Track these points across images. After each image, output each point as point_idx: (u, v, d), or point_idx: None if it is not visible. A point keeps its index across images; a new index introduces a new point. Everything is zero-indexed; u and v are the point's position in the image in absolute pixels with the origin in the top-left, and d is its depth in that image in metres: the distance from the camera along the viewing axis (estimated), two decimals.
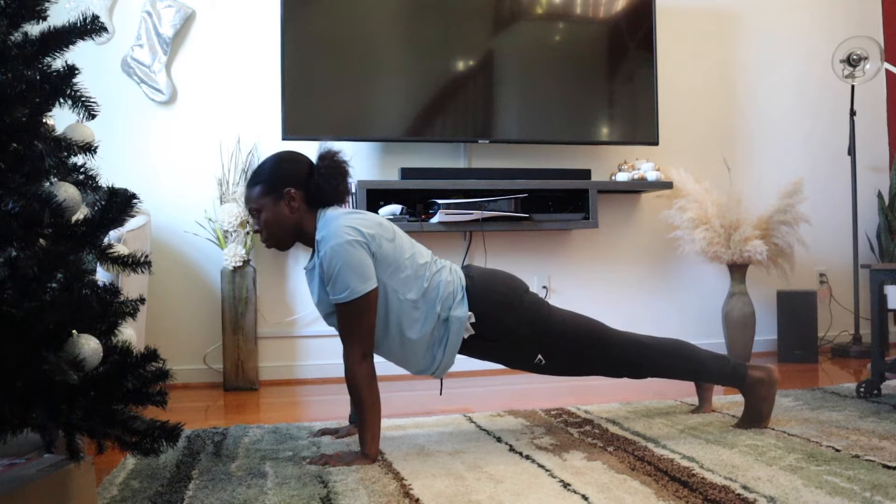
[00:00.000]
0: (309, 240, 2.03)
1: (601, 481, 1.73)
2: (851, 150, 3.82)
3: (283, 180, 1.99)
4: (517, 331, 2.05)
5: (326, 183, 1.99)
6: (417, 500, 1.63)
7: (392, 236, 1.99)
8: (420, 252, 2.05)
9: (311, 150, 3.40)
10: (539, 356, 2.07)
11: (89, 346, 1.30)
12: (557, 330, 2.08)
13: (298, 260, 3.47)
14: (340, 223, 1.93)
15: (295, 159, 2.05)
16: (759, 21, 4.08)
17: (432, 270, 2.03)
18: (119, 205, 1.39)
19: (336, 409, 2.79)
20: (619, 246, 3.83)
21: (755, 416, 2.20)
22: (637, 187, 3.63)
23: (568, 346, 2.09)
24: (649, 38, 3.65)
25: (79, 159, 1.42)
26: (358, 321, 1.92)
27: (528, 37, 3.58)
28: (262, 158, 3.33)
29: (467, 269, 2.12)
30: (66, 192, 1.32)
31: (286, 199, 1.98)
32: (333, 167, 2.01)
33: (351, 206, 3.27)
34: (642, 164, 3.65)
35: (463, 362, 2.09)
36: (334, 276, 1.89)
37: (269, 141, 3.38)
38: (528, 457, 1.95)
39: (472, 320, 2.02)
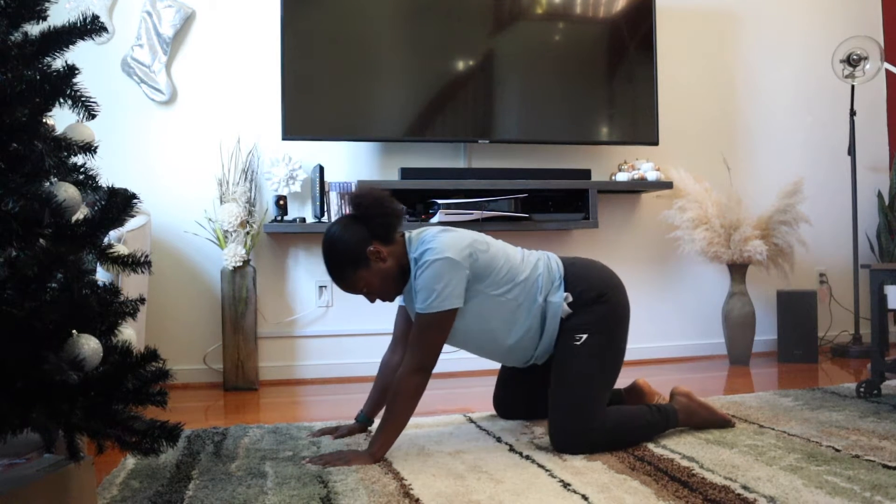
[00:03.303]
0: (408, 269, 2.03)
1: (601, 481, 1.73)
2: (851, 150, 3.82)
3: (355, 248, 1.98)
4: (596, 308, 2.06)
5: (383, 217, 2.00)
6: (417, 500, 1.63)
7: (486, 248, 2.04)
8: (513, 255, 2.10)
9: (311, 150, 3.42)
10: (584, 336, 2.03)
11: (89, 346, 1.30)
12: (614, 339, 2.08)
13: (299, 260, 3.47)
14: (441, 240, 1.96)
15: (342, 226, 2.02)
16: (759, 21, 4.08)
17: (528, 266, 2.08)
18: (119, 205, 1.39)
19: (336, 409, 2.79)
20: (619, 246, 3.83)
21: (715, 425, 2.22)
22: (637, 187, 3.63)
23: (602, 352, 2.06)
24: (649, 37, 3.65)
25: (79, 159, 1.42)
26: (427, 334, 1.95)
27: (528, 37, 3.58)
28: (261, 161, 3.36)
29: (573, 259, 2.18)
30: (66, 192, 1.32)
31: (373, 259, 1.99)
32: (374, 201, 2.02)
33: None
34: (642, 164, 3.65)
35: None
36: (421, 286, 1.94)
37: (269, 141, 3.38)
38: (528, 457, 1.95)
39: (570, 300, 2.06)
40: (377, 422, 2.14)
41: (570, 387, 2.01)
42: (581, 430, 1.97)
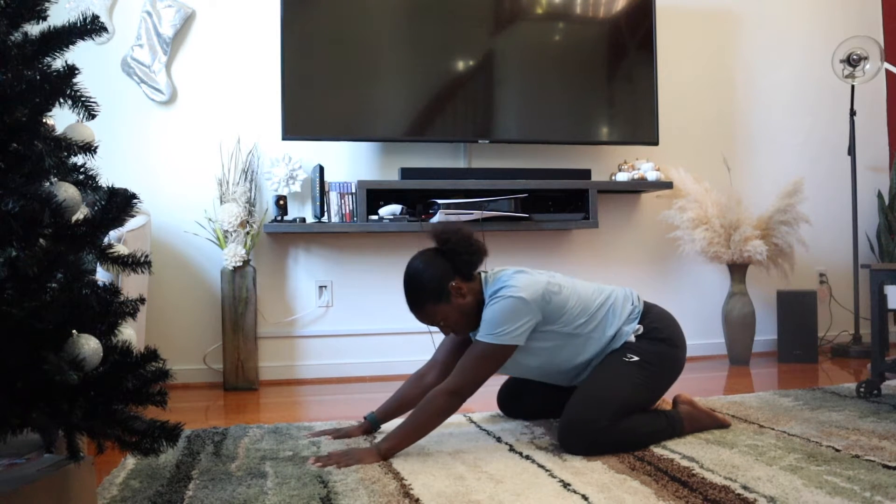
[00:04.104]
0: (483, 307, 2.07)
1: (601, 481, 1.73)
2: (851, 150, 3.82)
3: (437, 282, 2.02)
4: (659, 345, 2.11)
5: (469, 254, 2.05)
6: (417, 500, 1.63)
7: (558, 289, 2.07)
8: (583, 292, 2.12)
9: (311, 150, 3.42)
10: (636, 358, 2.06)
11: (89, 346, 1.30)
12: (660, 377, 2.11)
13: (298, 260, 3.47)
14: (518, 280, 2.02)
15: (426, 260, 2.06)
16: (759, 21, 4.08)
17: (600, 301, 2.12)
18: (119, 205, 1.38)
19: (336, 409, 2.79)
20: (619, 246, 3.83)
21: (715, 426, 2.23)
22: (637, 187, 3.63)
23: (643, 376, 2.07)
24: (649, 38, 3.65)
25: (79, 159, 1.41)
26: (479, 362, 1.98)
27: (528, 37, 3.58)
28: (261, 161, 3.36)
29: (654, 304, 2.23)
30: (66, 192, 1.32)
31: (454, 294, 2.03)
32: (462, 238, 2.06)
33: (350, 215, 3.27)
34: (642, 164, 3.65)
35: None
36: (490, 317, 1.98)
37: (269, 141, 3.38)
38: (528, 457, 1.95)
39: (640, 332, 2.11)
40: (383, 429, 2.18)
41: (597, 385, 2.03)
42: (590, 426, 1.95)
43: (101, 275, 1.98)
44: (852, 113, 3.80)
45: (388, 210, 3.25)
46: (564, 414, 2.01)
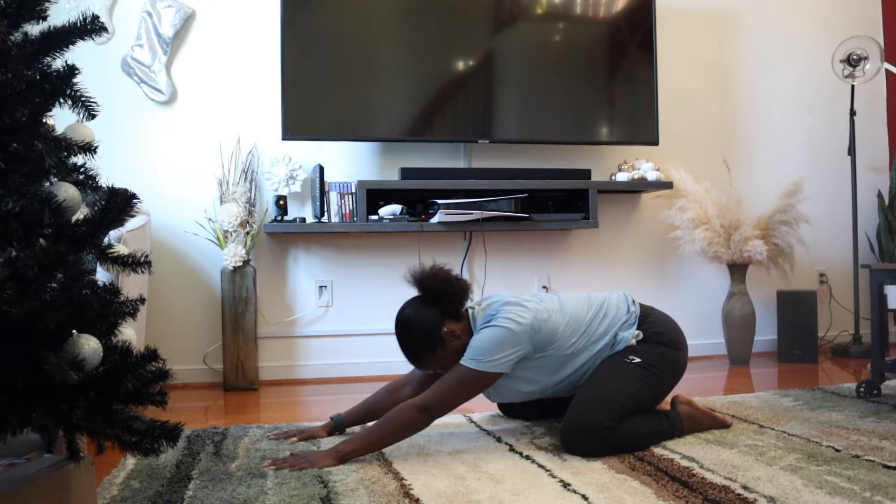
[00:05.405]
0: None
1: (601, 481, 1.73)
2: (851, 150, 3.82)
3: (430, 332, 2.02)
4: (661, 348, 2.11)
5: (453, 296, 2.05)
6: (417, 500, 1.63)
7: (547, 316, 2.06)
8: (572, 310, 2.11)
9: (311, 150, 3.42)
10: (638, 360, 2.07)
11: (89, 346, 1.30)
12: (661, 379, 2.10)
13: (299, 260, 3.47)
14: (507, 311, 2.02)
15: (414, 311, 2.06)
16: (759, 21, 4.08)
17: (592, 313, 2.12)
18: (119, 205, 1.38)
19: (335, 409, 2.79)
20: (619, 246, 3.83)
21: (714, 426, 2.23)
22: (637, 187, 3.63)
23: (646, 379, 2.06)
24: (649, 38, 3.65)
25: (79, 159, 1.41)
26: (457, 385, 1.98)
27: (528, 37, 3.58)
28: (261, 161, 3.36)
29: (651, 307, 2.22)
30: (66, 192, 1.32)
31: (448, 339, 2.04)
32: (442, 281, 2.06)
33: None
34: (642, 164, 3.65)
35: None
36: (477, 342, 1.98)
37: (269, 141, 3.38)
38: (528, 457, 1.95)
39: (640, 338, 2.11)
40: (347, 432, 2.21)
41: (600, 387, 2.03)
42: (594, 428, 1.95)
43: (101, 275, 1.98)
44: (852, 113, 3.80)
45: (388, 210, 3.25)
46: (567, 416, 2.01)
